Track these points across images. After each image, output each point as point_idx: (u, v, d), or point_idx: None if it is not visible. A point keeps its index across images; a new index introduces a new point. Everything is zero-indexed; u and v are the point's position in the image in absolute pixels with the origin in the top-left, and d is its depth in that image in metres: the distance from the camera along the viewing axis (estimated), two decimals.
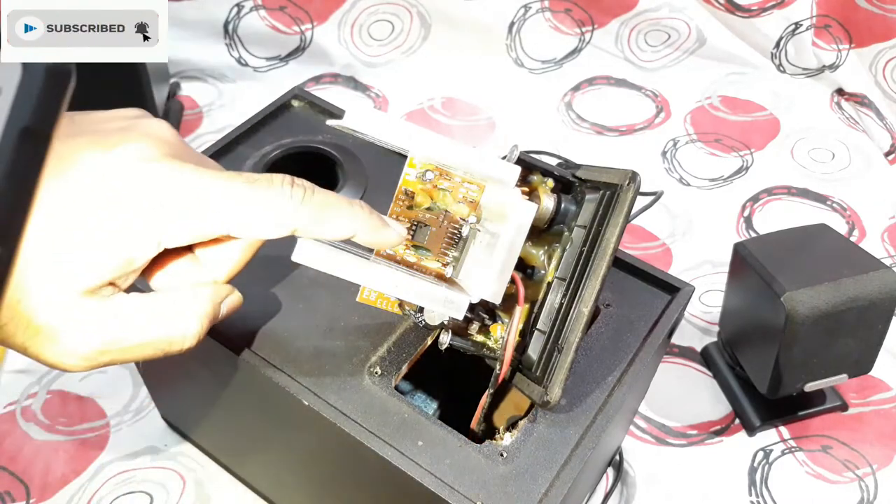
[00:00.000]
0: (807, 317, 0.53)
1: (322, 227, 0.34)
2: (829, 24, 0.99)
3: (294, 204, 0.33)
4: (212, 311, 0.35)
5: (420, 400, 0.51)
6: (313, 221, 0.33)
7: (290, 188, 0.33)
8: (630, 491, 0.59)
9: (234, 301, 0.37)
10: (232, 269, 0.36)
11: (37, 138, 0.14)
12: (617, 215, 0.37)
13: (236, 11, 0.97)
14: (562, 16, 1.03)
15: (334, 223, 0.34)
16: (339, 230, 0.34)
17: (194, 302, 0.34)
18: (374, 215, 0.35)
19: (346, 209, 0.34)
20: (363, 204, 0.35)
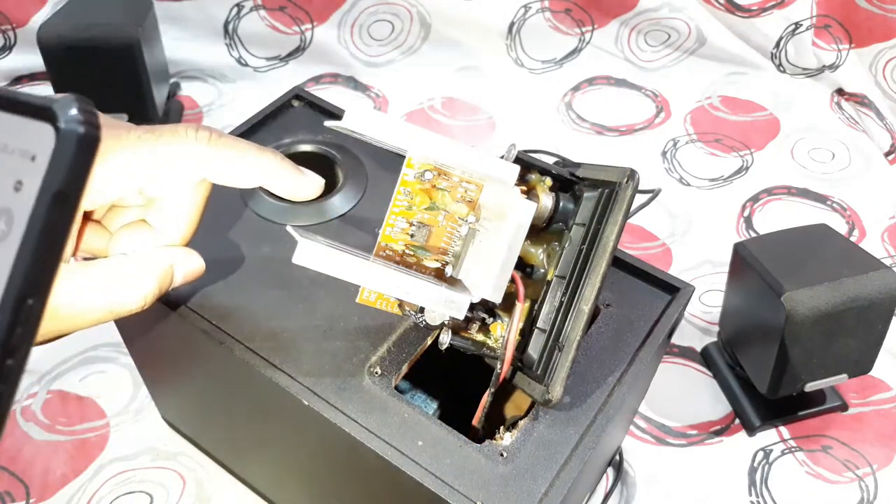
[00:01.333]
0: (807, 317, 0.53)
1: (232, 170, 0.35)
2: (829, 24, 0.99)
3: (200, 147, 0.34)
4: (161, 275, 0.35)
5: (420, 400, 0.51)
6: (223, 163, 0.34)
7: (194, 132, 0.34)
8: (630, 491, 0.59)
9: (192, 267, 0.37)
10: (184, 231, 0.37)
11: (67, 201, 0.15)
12: (616, 213, 0.37)
13: (236, 11, 0.97)
14: (562, 16, 1.03)
15: (244, 166, 0.35)
16: (249, 173, 0.35)
17: (138, 266, 0.35)
18: (286, 162, 0.36)
19: (254, 152, 0.35)
20: (275, 151, 0.36)
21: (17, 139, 0.15)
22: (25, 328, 0.16)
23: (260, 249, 0.47)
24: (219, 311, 0.43)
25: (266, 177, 0.36)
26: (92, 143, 0.15)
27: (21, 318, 0.15)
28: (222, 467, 0.59)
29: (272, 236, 0.47)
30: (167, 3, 0.95)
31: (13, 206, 0.15)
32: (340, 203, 0.49)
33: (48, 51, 0.75)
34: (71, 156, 0.15)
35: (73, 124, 0.15)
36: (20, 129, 0.15)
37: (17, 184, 0.15)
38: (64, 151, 0.15)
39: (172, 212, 0.36)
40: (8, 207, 0.15)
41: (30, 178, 0.15)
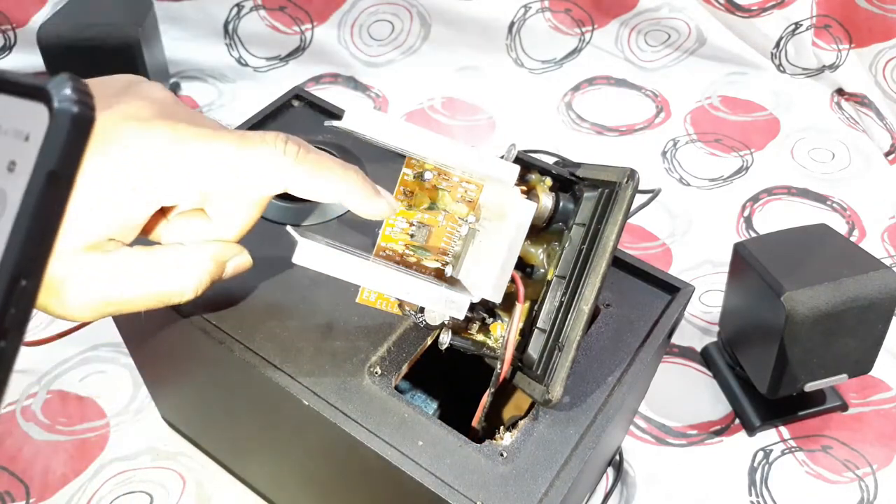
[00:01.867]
0: (807, 317, 0.53)
1: (314, 185, 0.34)
2: (829, 24, 0.99)
3: (287, 161, 0.33)
4: (213, 268, 0.36)
5: (420, 400, 0.51)
6: (306, 178, 0.34)
7: (283, 145, 0.34)
8: (630, 491, 0.59)
9: (242, 262, 0.38)
10: (240, 227, 0.37)
11: (61, 181, 0.15)
12: (616, 212, 0.37)
13: (236, 11, 0.97)
14: (562, 16, 1.03)
15: (326, 182, 0.34)
16: (330, 190, 0.35)
17: (194, 256, 0.35)
18: (367, 182, 0.36)
19: (339, 170, 0.35)
20: (358, 170, 0.36)
21: (10, 119, 0.15)
22: (19, 309, 0.15)
23: (260, 249, 0.47)
24: (219, 311, 0.43)
25: (346, 195, 0.35)
26: (86, 122, 0.15)
27: (14, 300, 0.15)
28: (222, 467, 0.59)
29: (272, 236, 0.47)
30: (167, 3, 0.95)
31: (6, 186, 0.15)
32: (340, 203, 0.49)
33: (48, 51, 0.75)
34: (65, 135, 0.15)
35: (67, 103, 0.15)
36: (13, 109, 0.15)
37: (11, 164, 0.15)
38: (58, 131, 0.15)
39: (233, 208, 0.36)
40: (1, 188, 0.15)
41: (23, 159, 0.15)
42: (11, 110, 0.15)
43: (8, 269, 0.15)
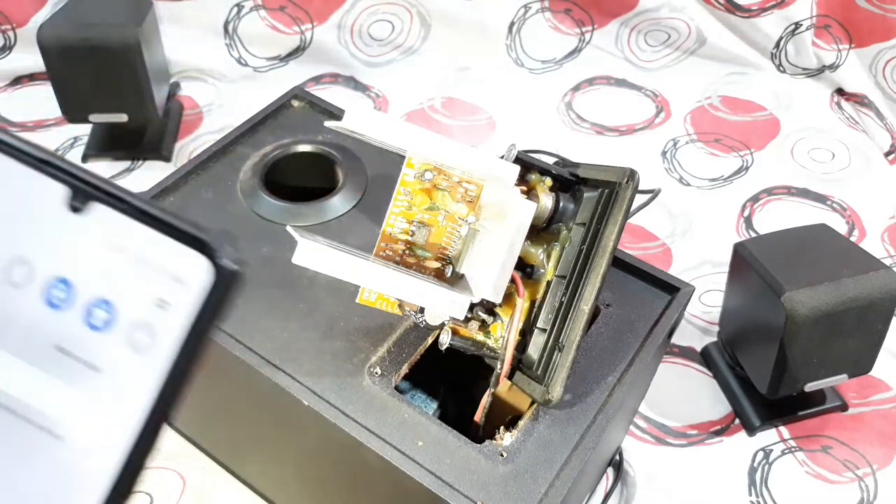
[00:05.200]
0: (807, 317, 0.53)
1: None
2: (829, 24, 0.99)
3: None
4: None
5: (420, 400, 0.51)
6: None
7: None
8: (630, 491, 0.59)
9: None
10: None
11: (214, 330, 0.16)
12: (616, 213, 0.37)
13: (236, 11, 0.97)
14: (562, 16, 1.03)
15: None
16: None
17: None
18: None
19: None
20: None
21: (163, 258, 0.16)
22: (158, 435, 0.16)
23: (260, 249, 0.47)
24: None
25: None
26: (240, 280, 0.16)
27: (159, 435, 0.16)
28: (222, 467, 0.59)
29: (272, 236, 0.47)
30: (167, 3, 0.95)
31: (155, 322, 0.16)
32: (340, 203, 0.49)
33: (48, 51, 0.75)
34: (228, 291, 0.16)
35: (232, 264, 0.16)
36: (167, 249, 0.16)
37: (162, 302, 0.16)
38: (221, 287, 0.16)
39: None
40: (149, 322, 0.16)
41: (178, 301, 0.16)
42: (165, 249, 0.16)
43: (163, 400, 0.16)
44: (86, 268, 0.16)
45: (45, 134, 0.88)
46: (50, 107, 0.80)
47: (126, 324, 0.16)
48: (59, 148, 0.86)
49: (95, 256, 0.16)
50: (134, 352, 0.16)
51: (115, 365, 0.16)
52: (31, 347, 0.16)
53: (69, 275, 0.16)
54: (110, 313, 0.16)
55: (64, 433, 0.16)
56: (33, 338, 0.16)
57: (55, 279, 0.16)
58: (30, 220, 0.16)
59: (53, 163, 0.17)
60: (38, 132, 0.89)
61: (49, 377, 0.16)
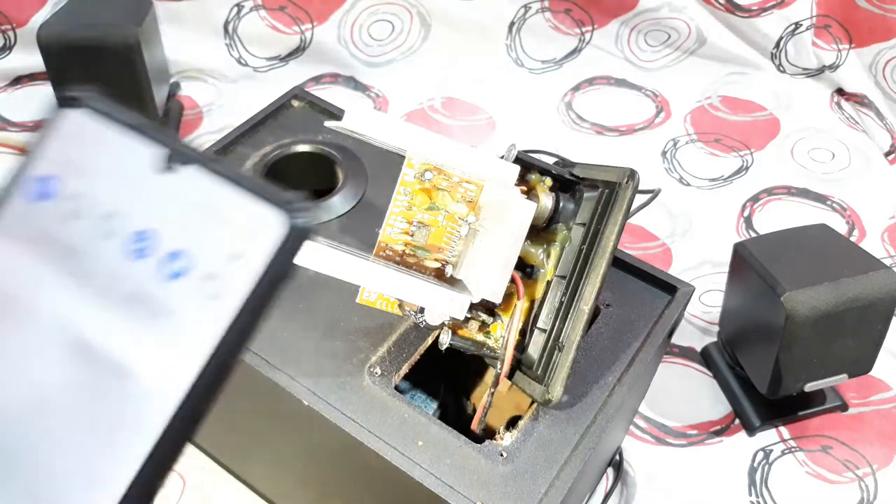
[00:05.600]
0: (807, 317, 0.53)
1: None
2: (829, 24, 0.99)
3: None
4: None
5: (420, 400, 0.51)
6: None
7: None
8: (630, 491, 0.59)
9: None
10: None
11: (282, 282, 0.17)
12: (616, 213, 0.37)
13: (236, 11, 0.97)
14: (562, 16, 1.03)
15: None
16: None
17: None
18: None
19: None
20: None
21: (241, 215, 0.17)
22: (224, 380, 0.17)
23: None
24: None
25: None
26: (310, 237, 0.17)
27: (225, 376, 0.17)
28: (223, 468, 0.59)
29: None
30: (167, 3, 0.95)
31: (228, 273, 0.17)
32: (340, 203, 0.49)
33: (48, 51, 0.75)
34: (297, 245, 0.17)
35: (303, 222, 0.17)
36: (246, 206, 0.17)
37: (235, 254, 0.17)
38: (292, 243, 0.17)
39: None
40: (222, 273, 0.17)
41: (251, 254, 0.17)
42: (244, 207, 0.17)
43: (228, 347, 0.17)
44: (170, 222, 0.18)
45: None
46: None
47: (201, 273, 0.17)
48: None
49: (180, 212, 0.18)
50: (205, 299, 0.17)
51: (187, 311, 0.17)
52: (111, 291, 0.17)
53: (154, 227, 0.18)
54: (187, 263, 0.17)
55: (132, 372, 0.17)
56: (115, 283, 0.17)
57: (141, 231, 0.18)
58: (127, 177, 0.18)
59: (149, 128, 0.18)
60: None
61: (124, 319, 0.17)
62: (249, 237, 0.17)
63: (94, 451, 0.17)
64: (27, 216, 0.18)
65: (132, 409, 0.17)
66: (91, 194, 0.18)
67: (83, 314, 0.17)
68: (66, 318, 0.17)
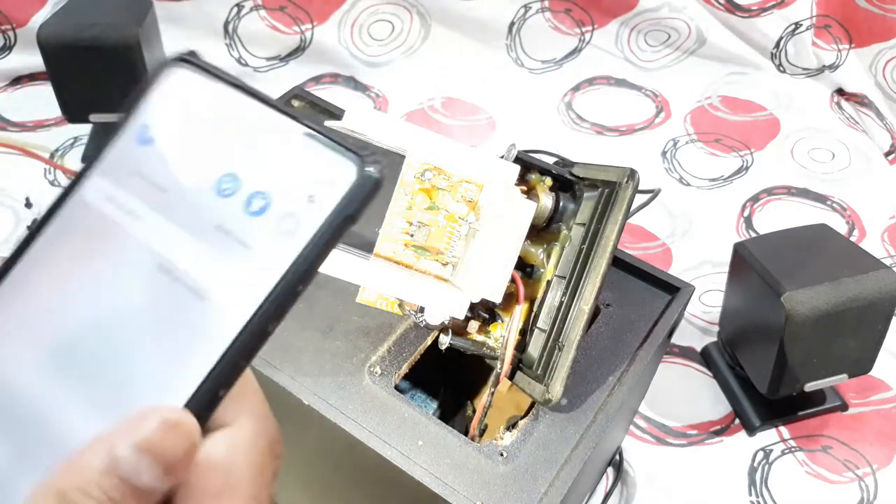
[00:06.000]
0: (807, 317, 0.53)
1: None
2: (829, 24, 0.99)
3: None
4: None
5: (420, 399, 0.51)
6: None
7: None
8: (630, 491, 0.59)
9: None
10: None
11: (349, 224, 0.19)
12: (616, 212, 0.37)
13: (236, 11, 0.97)
14: (562, 16, 1.03)
15: None
16: None
17: None
18: None
19: None
20: None
21: (320, 164, 0.19)
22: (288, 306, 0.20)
23: None
24: None
25: None
26: (380, 186, 0.19)
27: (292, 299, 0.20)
28: None
29: None
30: (167, 3, 0.95)
31: (303, 213, 0.19)
32: None
33: (48, 51, 0.75)
34: (367, 192, 0.19)
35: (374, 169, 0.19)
36: (325, 155, 0.19)
37: (311, 197, 0.19)
38: (363, 187, 0.19)
39: None
40: (299, 213, 0.19)
41: (324, 197, 0.19)
42: (323, 156, 0.19)
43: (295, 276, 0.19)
44: (254, 166, 0.20)
45: (46, 134, 0.88)
46: (50, 107, 0.80)
47: (279, 212, 0.19)
48: (59, 148, 0.86)
49: (265, 158, 0.20)
50: (280, 235, 0.19)
51: (262, 244, 0.19)
52: (196, 224, 0.20)
53: (240, 170, 0.20)
54: (267, 202, 0.19)
55: (208, 296, 0.19)
56: (200, 216, 0.20)
57: (229, 173, 0.20)
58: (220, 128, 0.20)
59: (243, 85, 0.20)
60: (39, 132, 0.88)
61: (205, 248, 0.19)
62: (325, 182, 0.19)
63: (169, 357, 0.19)
64: (130, 157, 0.21)
65: (205, 325, 0.19)
66: (185, 142, 0.21)
67: (169, 242, 0.20)
68: (154, 244, 0.20)
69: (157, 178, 0.20)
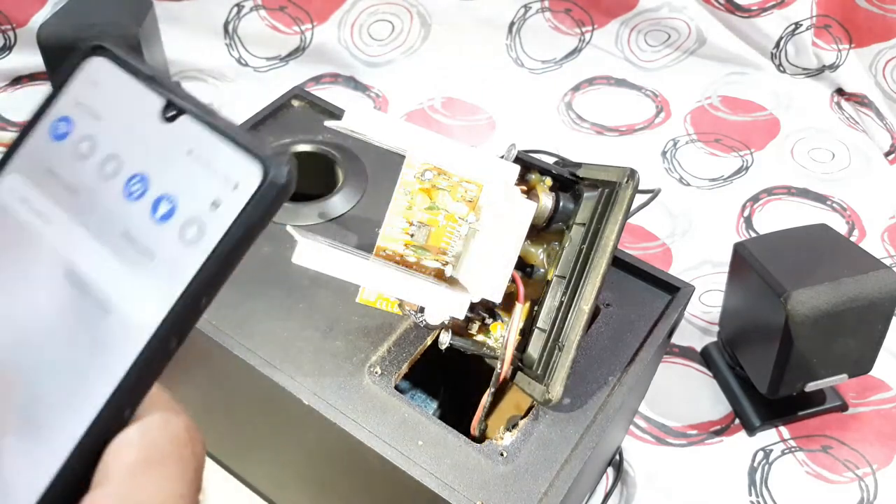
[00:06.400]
0: (807, 317, 0.53)
1: None
2: (829, 24, 0.99)
3: None
4: None
5: (420, 399, 0.51)
6: None
7: None
8: (630, 491, 0.59)
9: None
10: None
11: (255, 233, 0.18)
12: (616, 212, 0.37)
13: (236, 11, 0.97)
14: (562, 16, 1.03)
15: None
16: None
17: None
18: None
19: None
20: None
21: (223, 164, 0.18)
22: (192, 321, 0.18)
23: (260, 249, 0.47)
24: (219, 311, 0.43)
25: None
26: (287, 192, 0.18)
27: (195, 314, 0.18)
28: (222, 467, 0.59)
29: (272, 236, 0.47)
30: (167, 3, 0.95)
31: (206, 220, 0.18)
32: (340, 203, 0.49)
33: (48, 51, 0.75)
34: (272, 198, 0.18)
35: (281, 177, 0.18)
36: (228, 157, 0.18)
37: (215, 202, 0.18)
38: (268, 193, 0.18)
39: None
40: (201, 219, 0.18)
41: (229, 203, 0.18)
42: (229, 158, 0.18)
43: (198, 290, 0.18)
44: (162, 167, 0.19)
45: None
46: None
47: (183, 218, 0.18)
48: None
49: (172, 158, 0.19)
50: (184, 244, 0.18)
51: (167, 254, 0.18)
52: (104, 230, 0.19)
53: (147, 172, 0.19)
54: (172, 206, 0.18)
55: (113, 309, 0.18)
56: (109, 222, 0.19)
57: (136, 174, 0.19)
58: (131, 123, 0.19)
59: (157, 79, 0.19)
60: None
61: (111, 257, 0.18)
62: (230, 186, 0.18)
63: (74, 374, 0.18)
64: (42, 153, 0.20)
65: (110, 340, 0.18)
66: (98, 137, 0.19)
67: (77, 249, 0.19)
68: (63, 251, 0.19)
69: (68, 177, 0.19)
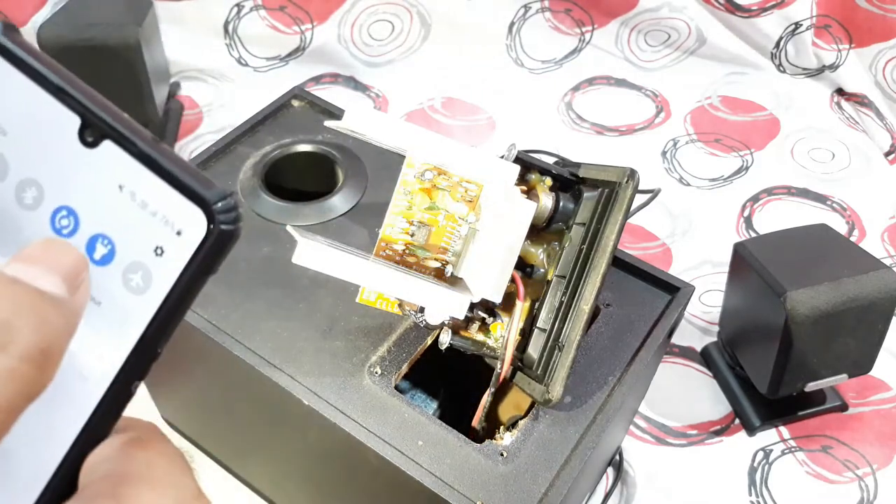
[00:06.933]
0: (807, 317, 0.53)
1: None
2: (829, 24, 0.99)
3: None
4: None
5: (420, 399, 0.51)
6: None
7: None
8: (630, 491, 0.59)
9: None
10: None
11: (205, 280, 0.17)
12: (616, 212, 0.37)
13: (236, 11, 0.97)
14: (562, 16, 1.03)
15: None
16: None
17: None
18: None
19: None
20: None
21: (164, 207, 0.16)
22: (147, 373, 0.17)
23: (260, 249, 0.47)
24: (219, 311, 0.43)
25: None
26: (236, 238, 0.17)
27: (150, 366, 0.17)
28: (222, 467, 0.59)
29: (272, 236, 0.47)
30: (167, 3, 0.95)
31: (152, 267, 0.16)
32: (340, 203, 0.49)
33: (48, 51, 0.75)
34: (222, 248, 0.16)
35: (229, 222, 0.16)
36: (168, 199, 0.16)
37: (159, 249, 0.16)
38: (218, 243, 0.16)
39: None
40: (146, 265, 0.17)
41: (174, 251, 0.16)
42: (166, 199, 0.16)
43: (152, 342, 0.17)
44: (92, 202, 0.17)
45: None
46: None
47: (124, 263, 0.17)
48: None
49: (102, 192, 0.16)
50: (129, 291, 0.17)
51: (112, 300, 0.17)
52: None
53: (75, 205, 0.17)
54: (110, 249, 0.17)
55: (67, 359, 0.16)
56: None
57: (62, 207, 0.17)
58: (44, 145, 0.17)
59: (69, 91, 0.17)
60: None
61: None
62: (171, 231, 0.16)
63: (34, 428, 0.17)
64: None
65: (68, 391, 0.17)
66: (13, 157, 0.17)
67: None
68: None
69: None
